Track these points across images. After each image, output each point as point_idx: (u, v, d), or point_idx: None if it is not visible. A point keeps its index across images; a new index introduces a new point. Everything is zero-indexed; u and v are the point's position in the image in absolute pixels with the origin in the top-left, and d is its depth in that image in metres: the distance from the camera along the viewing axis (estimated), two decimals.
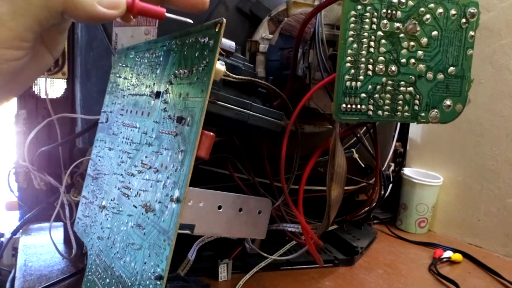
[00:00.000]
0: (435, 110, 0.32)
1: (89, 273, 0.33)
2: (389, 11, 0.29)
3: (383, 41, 0.30)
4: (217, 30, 0.25)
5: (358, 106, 0.30)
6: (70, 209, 0.48)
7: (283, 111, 0.35)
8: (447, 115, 0.32)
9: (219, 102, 0.31)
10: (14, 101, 0.53)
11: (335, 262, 0.51)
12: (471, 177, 0.66)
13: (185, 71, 0.27)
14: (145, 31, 0.43)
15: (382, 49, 0.30)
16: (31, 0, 0.21)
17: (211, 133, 0.25)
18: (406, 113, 0.31)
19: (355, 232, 0.59)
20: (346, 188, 0.35)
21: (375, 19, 0.29)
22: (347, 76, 0.29)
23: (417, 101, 0.31)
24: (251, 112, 0.33)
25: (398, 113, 0.31)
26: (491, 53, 0.63)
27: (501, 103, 0.62)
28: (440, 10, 0.30)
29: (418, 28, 0.30)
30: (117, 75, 0.39)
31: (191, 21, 0.27)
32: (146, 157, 0.29)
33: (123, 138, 0.34)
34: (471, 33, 0.31)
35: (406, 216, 0.68)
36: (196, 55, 0.27)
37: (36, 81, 0.53)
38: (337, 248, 0.55)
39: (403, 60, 0.30)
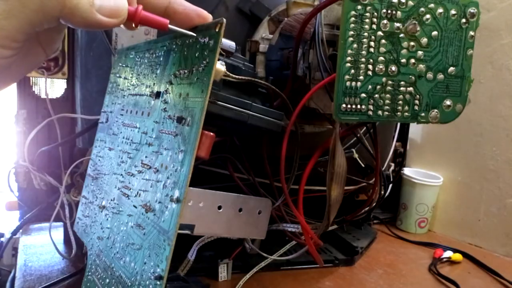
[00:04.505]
0: (435, 110, 0.32)
1: (89, 273, 0.33)
2: (389, 11, 0.29)
3: (383, 41, 0.30)
4: (217, 30, 0.25)
5: (358, 106, 0.30)
6: (70, 209, 0.48)
7: (283, 111, 0.35)
8: (447, 115, 0.32)
9: (219, 102, 0.31)
10: (14, 101, 0.53)
11: (335, 262, 0.51)
12: (471, 177, 0.66)
13: (185, 71, 0.27)
14: (145, 31, 0.43)
15: (382, 49, 0.30)
16: (26, 3, 0.20)
17: (211, 133, 0.25)
18: (406, 113, 0.31)
19: (355, 232, 0.59)
20: (346, 188, 0.35)
21: (375, 19, 0.29)
22: (347, 76, 0.29)
23: (417, 101, 0.31)
24: (251, 112, 0.33)
25: (398, 113, 0.31)
26: (491, 53, 0.63)
27: (501, 103, 0.62)
28: (440, 10, 0.30)
29: (418, 28, 0.30)
30: (117, 75, 0.39)
31: (194, 34, 0.27)
32: (146, 157, 0.29)
33: (123, 138, 0.34)
34: (471, 33, 0.31)
35: (406, 216, 0.68)
36: (196, 55, 0.27)
37: (36, 81, 0.53)
38: (337, 248, 0.54)
39: (403, 60, 0.30)
